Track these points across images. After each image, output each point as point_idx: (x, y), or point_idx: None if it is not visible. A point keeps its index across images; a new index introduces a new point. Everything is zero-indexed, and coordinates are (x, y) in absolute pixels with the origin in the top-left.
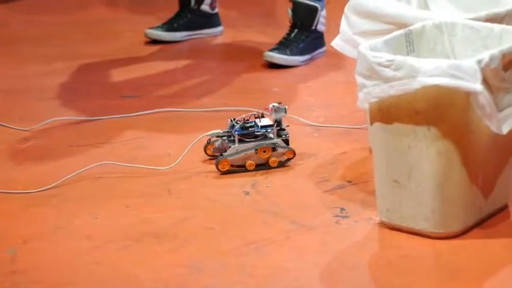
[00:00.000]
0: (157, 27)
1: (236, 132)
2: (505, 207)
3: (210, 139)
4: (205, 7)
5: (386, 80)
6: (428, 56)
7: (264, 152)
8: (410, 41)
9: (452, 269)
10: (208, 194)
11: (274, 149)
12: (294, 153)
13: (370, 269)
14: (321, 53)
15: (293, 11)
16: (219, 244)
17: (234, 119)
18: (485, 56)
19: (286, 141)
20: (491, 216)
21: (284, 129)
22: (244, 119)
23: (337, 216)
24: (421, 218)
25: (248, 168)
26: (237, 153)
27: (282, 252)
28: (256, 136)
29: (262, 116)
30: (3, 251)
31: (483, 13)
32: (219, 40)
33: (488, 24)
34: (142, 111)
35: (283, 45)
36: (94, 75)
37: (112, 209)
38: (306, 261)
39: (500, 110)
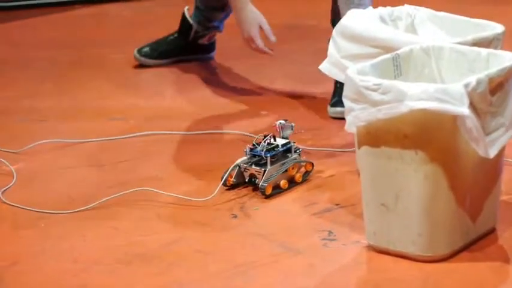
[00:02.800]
0: (146, 52)
1: (268, 155)
2: (492, 231)
3: (227, 171)
4: (202, 41)
5: (374, 103)
6: (415, 80)
7: (293, 169)
8: (397, 64)
9: None
10: (197, 216)
11: None
12: (313, 166)
13: None
14: None
15: None
16: (206, 267)
17: (257, 143)
18: (472, 80)
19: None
20: (478, 240)
21: (294, 143)
22: (268, 141)
23: (324, 239)
24: (409, 242)
25: (283, 187)
26: (274, 175)
27: (269, 276)
28: (278, 156)
29: (274, 136)
30: None
31: (470, 37)
32: (210, 64)
33: (475, 48)
34: (131, 133)
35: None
36: (81, 97)
37: (100, 231)
38: (293, 284)
39: (487, 134)
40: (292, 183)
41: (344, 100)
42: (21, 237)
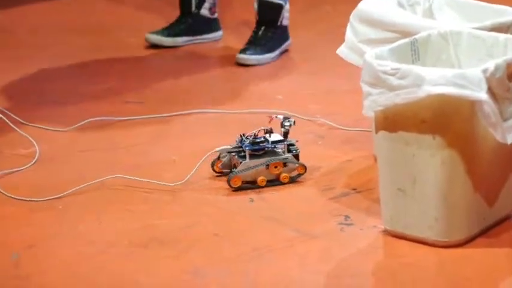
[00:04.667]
0: (158, 32)
1: (247, 148)
2: (509, 217)
3: (219, 155)
4: (204, 11)
5: (392, 88)
6: (433, 64)
7: (276, 167)
8: (415, 49)
9: (456, 279)
10: (213, 200)
11: (285, 165)
12: (305, 169)
13: (374, 277)
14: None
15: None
16: (222, 250)
17: (243, 135)
18: (490, 65)
19: (296, 157)
20: (495, 225)
21: (293, 145)
22: (255, 134)
23: (341, 224)
24: (425, 227)
25: (260, 184)
26: (248, 169)
27: (285, 260)
28: (267, 152)
29: (271, 131)
30: (8, 256)
31: (488, 22)
32: (219, 45)
33: (493, 34)
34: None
35: (253, 45)
36: (97, 80)
37: (116, 214)
38: (308, 268)
39: (505, 119)
40: (276, 181)
41: (362, 84)
42: (38, 220)
